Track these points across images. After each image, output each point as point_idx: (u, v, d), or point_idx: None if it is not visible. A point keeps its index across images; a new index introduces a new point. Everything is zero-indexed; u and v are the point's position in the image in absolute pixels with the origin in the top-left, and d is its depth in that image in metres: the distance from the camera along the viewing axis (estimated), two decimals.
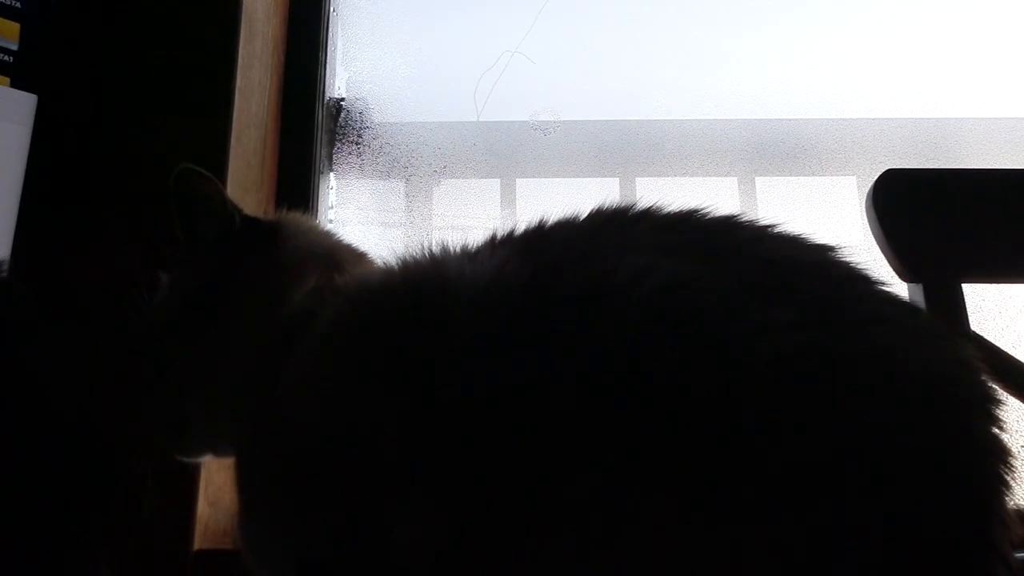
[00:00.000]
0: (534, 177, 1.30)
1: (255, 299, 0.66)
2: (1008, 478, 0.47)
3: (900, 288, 0.83)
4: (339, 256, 0.71)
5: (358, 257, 0.74)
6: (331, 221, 1.25)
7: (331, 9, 1.30)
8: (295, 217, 0.77)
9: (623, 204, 0.59)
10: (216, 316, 0.66)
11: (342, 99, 1.29)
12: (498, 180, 1.29)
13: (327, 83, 1.27)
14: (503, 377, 0.49)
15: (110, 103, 1.04)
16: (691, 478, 0.44)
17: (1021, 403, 0.78)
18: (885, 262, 0.84)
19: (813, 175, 1.28)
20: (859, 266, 0.54)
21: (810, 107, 1.30)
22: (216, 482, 0.96)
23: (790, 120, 1.30)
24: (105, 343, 0.71)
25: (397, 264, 0.61)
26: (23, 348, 0.68)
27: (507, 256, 0.55)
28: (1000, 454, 0.47)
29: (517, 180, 1.29)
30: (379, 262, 0.73)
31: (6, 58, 0.96)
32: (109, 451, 0.70)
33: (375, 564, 0.52)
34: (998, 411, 0.49)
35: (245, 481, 0.62)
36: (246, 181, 1.08)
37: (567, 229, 0.58)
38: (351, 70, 1.31)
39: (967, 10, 1.35)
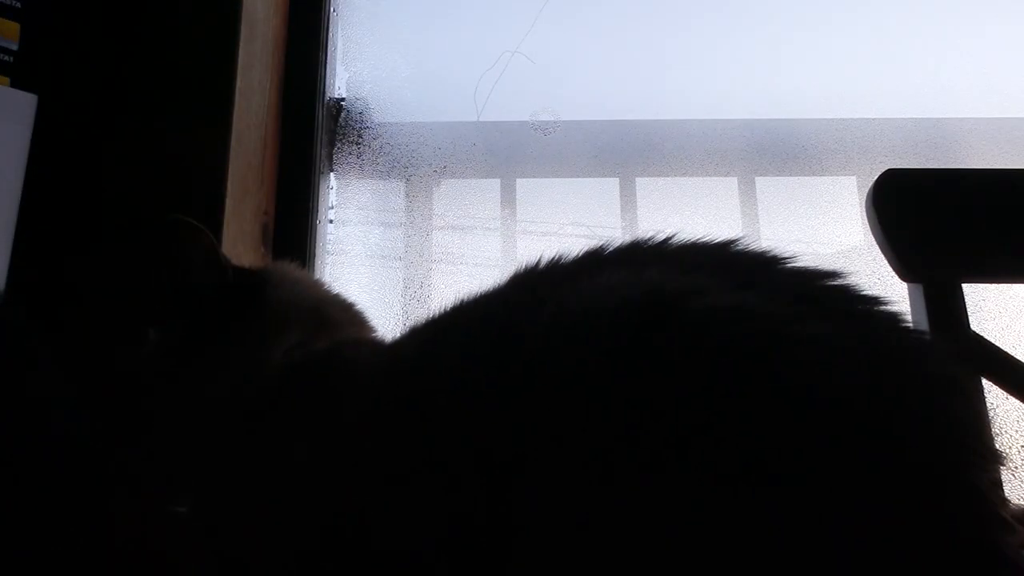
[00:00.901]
0: (534, 177, 1.30)
1: (235, 353, 0.65)
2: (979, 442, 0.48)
3: (900, 288, 0.84)
4: (325, 311, 0.71)
5: (346, 310, 0.74)
6: (331, 221, 1.25)
7: (331, 9, 1.30)
8: (283, 267, 0.76)
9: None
10: (197, 369, 0.66)
11: (342, 99, 1.29)
12: (498, 180, 1.29)
13: (327, 83, 1.26)
14: None
15: (110, 103, 1.03)
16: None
17: (1021, 403, 0.78)
18: (885, 262, 0.84)
19: (813, 175, 1.28)
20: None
21: (810, 107, 1.30)
22: None
23: (790, 120, 1.30)
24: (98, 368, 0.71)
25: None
26: (21, 373, 0.68)
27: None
28: (966, 427, 0.48)
29: (517, 180, 1.29)
30: (369, 319, 0.75)
31: (6, 58, 0.96)
32: (104, 465, 0.70)
33: None
34: (964, 388, 0.50)
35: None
36: (246, 181, 1.08)
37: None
38: (351, 70, 1.31)
39: (967, 10, 1.35)
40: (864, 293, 0.53)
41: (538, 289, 0.57)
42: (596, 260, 0.59)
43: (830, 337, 0.47)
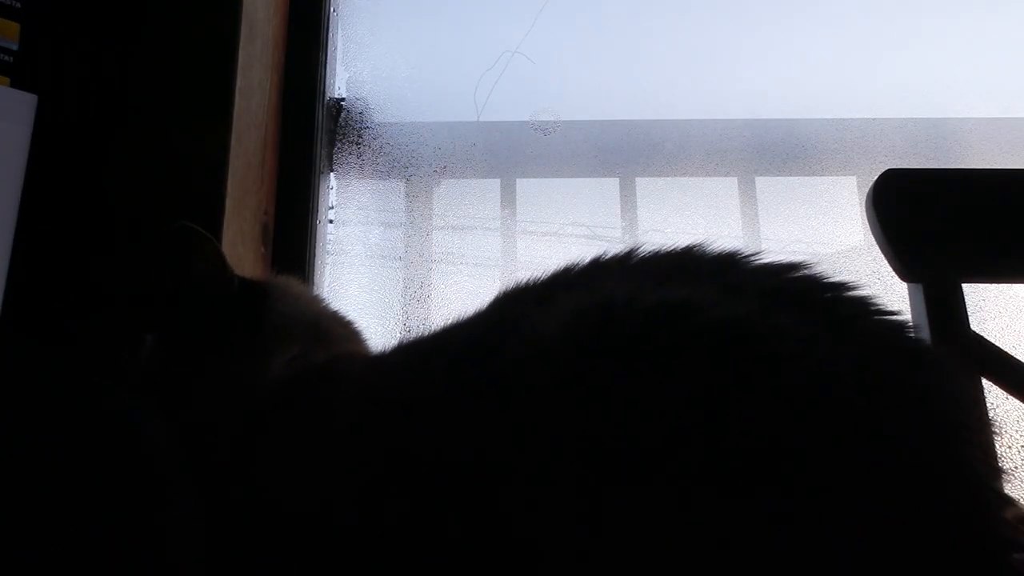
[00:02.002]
0: (534, 177, 1.30)
1: (238, 362, 0.67)
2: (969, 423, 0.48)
3: (900, 288, 0.84)
4: (324, 326, 0.73)
5: (344, 326, 0.77)
6: (331, 221, 1.25)
7: (331, 9, 1.30)
8: (285, 281, 0.78)
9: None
10: (199, 375, 0.67)
11: (342, 99, 1.29)
12: (498, 180, 1.29)
13: (327, 83, 1.26)
14: None
15: (110, 103, 1.03)
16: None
17: (1021, 403, 0.78)
18: (885, 262, 0.84)
19: (813, 175, 1.28)
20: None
21: (810, 107, 1.30)
22: None
23: (790, 120, 1.30)
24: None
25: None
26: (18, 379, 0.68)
27: None
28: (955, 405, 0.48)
29: (517, 180, 1.29)
30: (364, 335, 0.78)
31: (6, 58, 0.96)
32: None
33: None
34: (940, 362, 0.50)
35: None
36: (246, 181, 1.08)
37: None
38: (351, 70, 1.31)
39: (967, 10, 1.35)
40: (831, 280, 0.54)
41: (515, 309, 0.60)
42: (565, 281, 0.62)
43: (794, 327, 0.47)
